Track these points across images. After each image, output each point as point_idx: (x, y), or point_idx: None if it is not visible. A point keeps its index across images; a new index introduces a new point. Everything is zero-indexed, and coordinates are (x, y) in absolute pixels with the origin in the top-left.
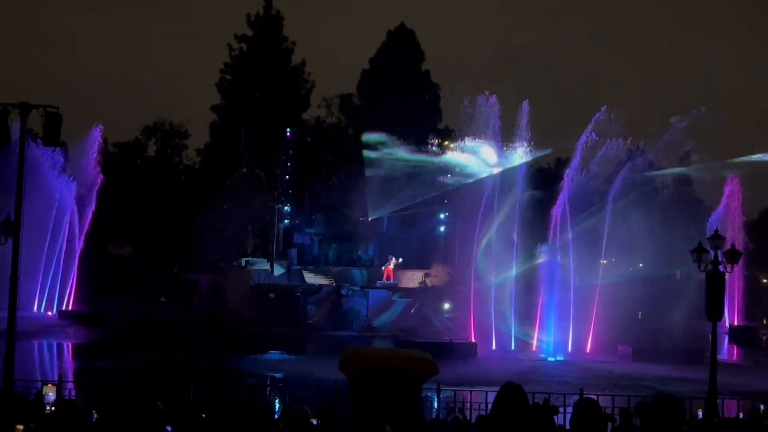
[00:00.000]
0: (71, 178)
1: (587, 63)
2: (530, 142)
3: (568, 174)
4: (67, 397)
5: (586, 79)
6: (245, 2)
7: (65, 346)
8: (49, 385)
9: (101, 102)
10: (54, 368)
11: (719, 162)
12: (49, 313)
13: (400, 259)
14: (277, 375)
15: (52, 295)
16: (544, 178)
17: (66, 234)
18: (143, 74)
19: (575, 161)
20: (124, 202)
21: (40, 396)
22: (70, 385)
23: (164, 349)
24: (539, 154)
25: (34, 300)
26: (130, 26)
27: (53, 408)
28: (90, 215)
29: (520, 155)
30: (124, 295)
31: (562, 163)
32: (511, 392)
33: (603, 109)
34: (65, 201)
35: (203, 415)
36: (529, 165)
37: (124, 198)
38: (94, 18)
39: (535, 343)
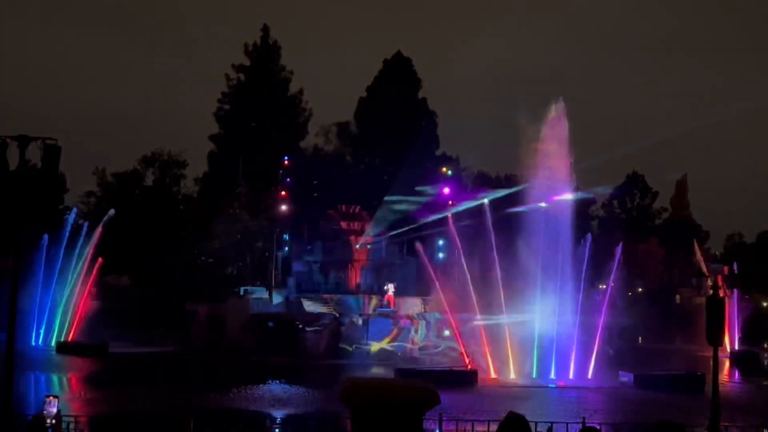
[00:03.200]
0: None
1: (586, 87)
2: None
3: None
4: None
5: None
6: (243, 32)
7: (64, 379)
8: (51, 397)
9: (100, 133)
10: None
11: None
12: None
13: (394, 284)
14: (278, 406)
15: (50, 327)
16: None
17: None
18: (141, 104)
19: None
20: (123, 232)
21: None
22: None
23: (163, 381)
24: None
25: (32, 332)
26: (128, 58)
27: (53, 421)
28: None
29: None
30: (122, 326)
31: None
32: (514, 422)
33: None
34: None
35: None
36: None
37: (123, 228)
38: (93, 50)
39: (535, 369)
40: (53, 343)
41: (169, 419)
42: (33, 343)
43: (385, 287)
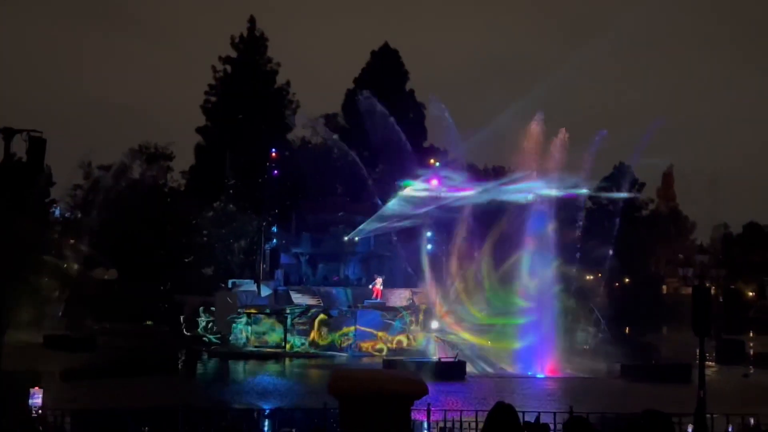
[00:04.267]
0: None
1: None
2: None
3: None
4: (53, 425)
5: (573, 94)
6: (229, 24)
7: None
8: (37, 387)
9: (85, 125)
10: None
11: None
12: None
13: (381, 278)
14: (266, 398)
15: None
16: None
17: None
18: (128, 97)
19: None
20: (109, 225)
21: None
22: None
23: (151, 373)
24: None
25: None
26: (115, 50)
27: (39, 411)
28: None
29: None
30: (110, 319)
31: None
32: (503, 411)
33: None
34: None
35: None
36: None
37: (109, 221)
38: (78, 42)
39: (522, 360)
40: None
41: (158, 413)
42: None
43: (373, 279)
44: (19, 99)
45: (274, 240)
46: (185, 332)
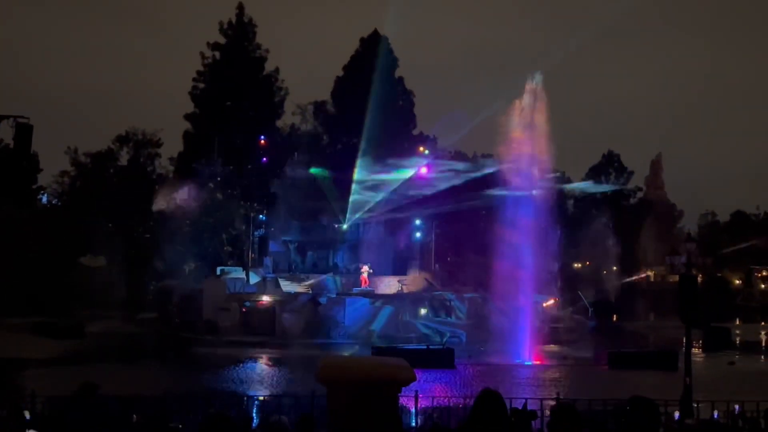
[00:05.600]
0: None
1: (562, 66)
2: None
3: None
4: (40, 412)
5: (563, 84)
6: (218, 10)
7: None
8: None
9: (73, 112)
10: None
11: None
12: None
13: (368, 265)
14: (254, 386)
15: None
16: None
17: None
18: (115, 84)
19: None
20: (97, 212)
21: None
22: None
23: (140, 360)
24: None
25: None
26: (102, 36)
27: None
28: None
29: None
30: (97, 306)
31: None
32: (489, 398)
33: None
34: None
35: (180, 426)
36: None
37: (97, 208)
38: (64, 28)
39: (510, 347)
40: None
41: (146, 400)
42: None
43: (361, 267)
44: (5, 85)
45: (263, 228)
46: (175, 320)
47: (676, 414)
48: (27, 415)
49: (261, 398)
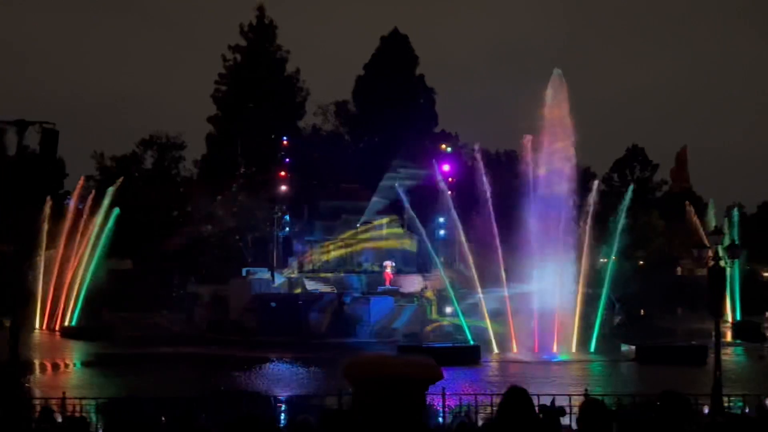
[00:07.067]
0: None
1: (585, 60)
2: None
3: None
4: (71, 414)
5: (586, 77)
6: (238, 13)
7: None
8: (54, 405)
9: (96, 116)
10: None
11: None
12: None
13: (391, 263)
14: (281, 386)
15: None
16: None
17: None
18: (139, 88)
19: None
20: (123, 215)
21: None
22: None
23: (168, 362)
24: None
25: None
26: (125, 40)
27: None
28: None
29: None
30: (125, 309)
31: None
32: (516, 396)
33: None
34: None
35: (208, 428)
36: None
37: (122, 211)
38: (87, 33)
39: (537, 343)
40: (58, 328)
41: (175, 401)
42: (37, 328)
43: (384, 265)
44: (31, 90)
45: (287, 228)
46: (202, 321)
47: (706, 409)
48: (58, 417)
49: (288, 398)
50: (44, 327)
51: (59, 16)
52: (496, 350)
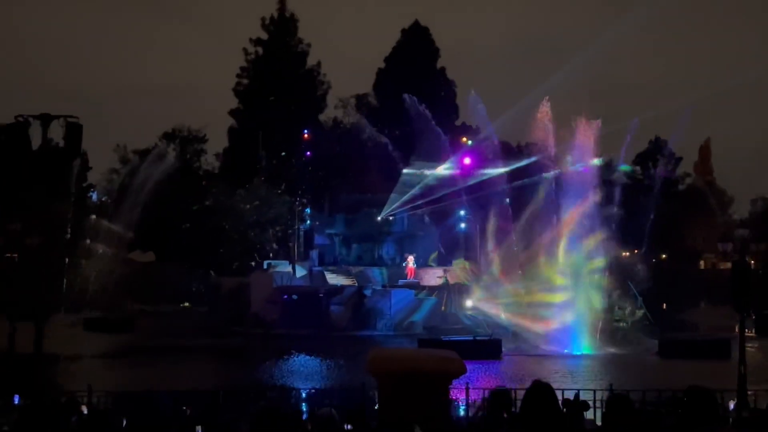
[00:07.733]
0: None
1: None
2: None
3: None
4: (96, 406)
5: (608, 69)
6: (259, 6)
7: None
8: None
9: (119, 109)
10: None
11: None
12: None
13: (413, 256)
14: (303, 379)
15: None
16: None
17: None
18: (161, 81)
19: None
20: (145, 208)
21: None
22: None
23: (190, 354)
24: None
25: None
26: (147, 34)
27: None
28: None
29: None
30: (147, 301)
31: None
32: (540, 390)
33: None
34: None
35: (231, 418)
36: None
37: (145, 204)
38: (109, 26)
39: (558, 338)
40: (81, 320)
41: (197, 394)
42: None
43: (406, 259)
44: (55, 84)
45: (308, 221)
46: (224, 313)
47: (731, 404)
48: (84, 409)
49: (310, 391)
50: (67, 320)
51: (83, 10)
52: (516, 344)
